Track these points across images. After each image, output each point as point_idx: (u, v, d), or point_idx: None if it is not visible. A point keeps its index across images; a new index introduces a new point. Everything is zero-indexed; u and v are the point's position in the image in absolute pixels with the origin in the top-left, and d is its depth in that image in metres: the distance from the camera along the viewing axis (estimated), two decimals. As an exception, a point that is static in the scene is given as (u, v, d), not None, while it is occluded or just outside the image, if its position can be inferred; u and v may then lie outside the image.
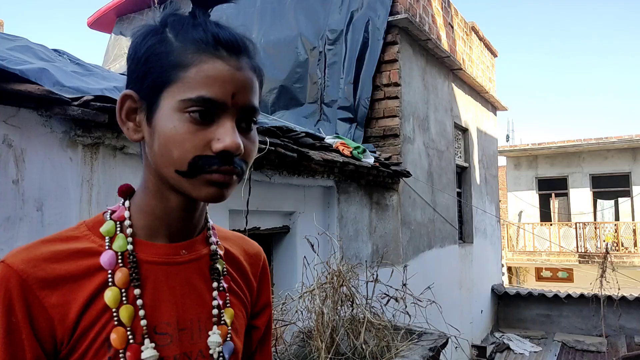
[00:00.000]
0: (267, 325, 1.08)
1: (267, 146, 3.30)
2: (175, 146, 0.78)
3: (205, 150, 0.78)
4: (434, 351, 3.51)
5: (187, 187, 0.81)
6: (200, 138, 0.78)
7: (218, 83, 0.78)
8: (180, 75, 0.79)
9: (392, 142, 6.01)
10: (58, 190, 2.28)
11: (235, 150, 0.78)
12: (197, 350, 0.87)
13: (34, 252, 0.79)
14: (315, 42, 6.47)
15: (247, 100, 0.81)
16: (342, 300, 3.39)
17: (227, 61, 0.80)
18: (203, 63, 0.78)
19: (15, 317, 0.75)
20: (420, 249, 6.62)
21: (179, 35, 0.81)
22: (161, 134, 0.80)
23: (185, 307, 0.87)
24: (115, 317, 0.80)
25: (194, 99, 0.77)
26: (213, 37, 0.80)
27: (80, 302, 0.79)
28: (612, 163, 17.50)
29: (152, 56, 0.81)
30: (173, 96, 0.79)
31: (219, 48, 0.80)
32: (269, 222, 4.10)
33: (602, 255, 9.55)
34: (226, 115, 0.80)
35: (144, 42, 0.83)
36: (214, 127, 0.79)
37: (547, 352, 8.85)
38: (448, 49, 7.56)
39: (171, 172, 0.80)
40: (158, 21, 0.84)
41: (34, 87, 2.08)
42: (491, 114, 10.77)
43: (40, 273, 0.78)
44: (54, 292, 0.78)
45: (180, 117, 0.78)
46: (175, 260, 0.89)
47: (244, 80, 0.81)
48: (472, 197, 9.06)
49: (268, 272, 1.09)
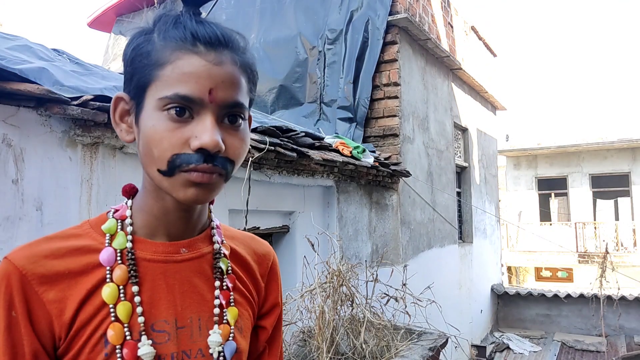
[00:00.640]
0: (276, 326, 1.07)
1: (266, 146, 3.29)
2: (155, 145, 0.78)
3: (184, 148, 0.77)
4: (434, 351, 3.51)
5: (168, 187, 0.80)
6: (179, 136, 0.77)
7: (194, 79, 0.77)
8: (159, 73, 0.78)
9: (391, 141, 6.01)
10: (57, 190, 2.28)
11: (212, 147, 0.77)
12: (196, 348, 0.86)
13: (35, 249, 0.81)
14: (314, 41, 6.47)
15: (227, 95, 0.79)
16: (342, 299, 3.39)
17: (204, 56, 0.78)
18: (179, 60, 0.78)
19: (16, 312, 0.77)
20: (420, 249, 6.62)
21: (161, 34, 0.80)
22: (143, 133, 0.80)
23: (184, 305, 0.87)
24: (113, 314, 0.81)
25: (169, 96, 0.77)
26: (191, 34, 0.79)
27: (77, 298, 0.80)
28: (612, 163, 17.50)
29: (137, 56, 0.81)
30: (153, 95, 0.79)
31: (196, 44, 0.79)
32: (269, 221, 4.10)
33: (601, 255, 9.53)
34: (205, 111, 0.78)
35: (132, 43, 0.83)
36: (193, 124, 0.78)
37: (547, 351, 8.84)
38: (448, 48, 7.56)
39: (154, 172, 0.80)
40: (150, 22, 0.84)
41: (34, 87, 2.08)
42: (491, 113, 10.78)
43: (40, 269, 0.79)
44: (52, 288, 0.79)
45: (159, 115, 0.78)
46: (174, 259, 0.88)
47: (223, 75, 0.79)
48: (471, 196, 9.06)
49: (277, 272, 1.08)
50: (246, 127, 0.86)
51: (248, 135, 0.87)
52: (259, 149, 3.25)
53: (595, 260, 14.82)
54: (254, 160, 3.21)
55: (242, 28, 6.98)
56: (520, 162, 19.15)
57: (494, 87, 10.35)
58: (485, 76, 9.67)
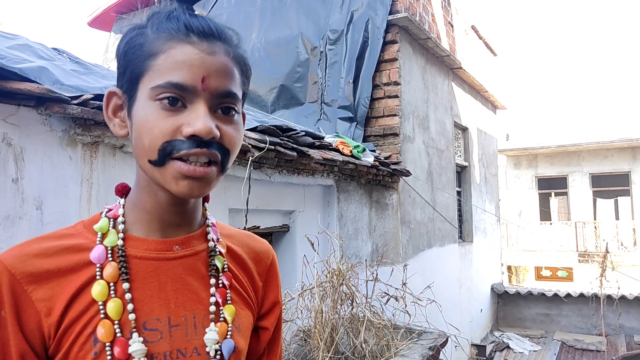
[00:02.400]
0: (277, 325, 1.05)
1: (266, 145, 3.29)
2: (146, 134, 0.78)
3: (175, 135, 0.77)
4: (434, 350, 3.51)
5: (160, 179, 0.80)
6: (170, 123, 0.77)
7: (187, 67, 0.77)
8: (152, 63, 0.79)
9: (391, 141, 6.00)
10: (58, 189, 2.27)
11: (206, 134, 0.76)
12: (192, 347, 0.85)
13: (25, 248, 0.81)
14: (316, 42, 6.46)
15: (220, 84, 0.79)
16: (342, 299, 3.39)
17: (197, 46, 0.79)
18: (172, 49, 0.78)
19: (5, 311, 0.76)
20: (420, 248, 6.62)
21: (154, 27, 0.81)
22: (135, 124, 0.80)
23: (178, 303, 0.86)
24: (102, 311, 0.80)
25: (162, 85, 0.77)
26: (184, 25, 0.79)
27: (66, 296, 0.79)
28: (612, 162, 17.51)
29: (130, 49, 0.82)
30: (146, 85, 0.79)
31: (189, 34, 0.79)
32: (269, 221, 4.10)
33: (601, 254, 9.53)
34: (198, 100, 0.78)
35: (124, 38, 0.84)
36: (186, 112, 0.78)
37: (547, 351, 8.84)
38: (448, 47, 7.56)
39: (145, 163, 0.80)
40: (144, 19, 0.84)
41: (34, 86, 2.08)
42: (491, 112, 10.77)
43: (28, 268, 0.78)
44: (41, 287, 0.78)
45: (152, 105, 0.78)
46: (166, 256, 0.87)
47: (217, 64, 0.79)
48: (471, 196, 9.06)
49: (276, 270, 1.06)
50: (240, 120, 0.86)
51: (242, 128, 0.87)
52: (259, 148, 3.25)
53: (595, 259, 14.83)
54: (254, 159, 3.21)
55: (243, 28, 7.00)
56: (520, 162, 19.15)
57: (494, 86, 10.34)
58: (485, 75, 9.67)
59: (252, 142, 3.18)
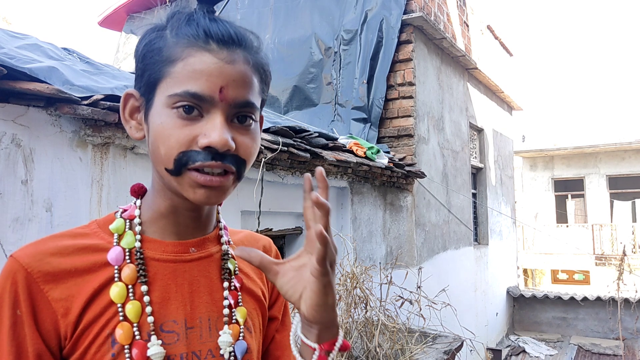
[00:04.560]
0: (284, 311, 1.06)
1: (279, 146, 3.26)
2: (162, 143, 0.78)
3: (191, 145, 0.76)
4: (449, 354, 3.47)
5: (176, 187, 0.80)
6: (186, 133, 0.76)
7: (205, 77, 0.76)
8: (170, 70, 0.78)
9: (406, 142, 5.95)
10: (67, 191, 2.26)
11: (221, 146, 0.75)
12: (206, 349, 0.85)
13: (41, 246, 0.80)
14: (330, 42, 6.44)
15: (238, 94, 0.78)
16: (356, 302, 3.36)
17: (216, 54, 0.77)
18: (190, 57, 0.77)
19: (21, 311, 0.76)
20: (435, 251, 6.56)
21: (174, 31, 0.80)
22: (151, 131, 0.80)
23: (193, 305, 0.86)
24: (121, 313, 0.79)
25: (179, 93, 0.76)
26: (204, 31, 0.78)
27: (84, 297, 0.79)
28: (629, 164, 17.34)
29: (148, 53, 0.81)
30: (163, 92, 0.78)
31: (209, 41, 0.78)
32: (282, 223, 4.07)
33: (619, 257, 9.44)
34: (215, 110, 0.77)
35: (144, 39, 0.83)
36: (203, 122, 0.77)
37: (563, 355, 8.76)
38: (463, 47, 7.50)
39: (162, 170, 0.80)
40: (164, 19, 0.83)
41: (43, 86, 2.06)
42: (507, 113, 10.69)
43: (45, 267, 0.77)
44: (58, 286, 0.78)
45: (169, 113, 0.78)
46: (183, 258, 0.87)
47: (235, 73, 0.78)
48: (487, 198, 8.98)
49: None
50: (257, 127, 0.85)
51: (259, 135, 0.86)
52: (272, 150, 3.22)
53: (613, 262, 14.67)
54: (266, 160, 3.19)
55: (256, 28, 6.98)
56: (536, 163, 19.02)
57: (510, 87, 10.27)
58: (501, 76, 9.59)
59: (264, 144, 3.16)
